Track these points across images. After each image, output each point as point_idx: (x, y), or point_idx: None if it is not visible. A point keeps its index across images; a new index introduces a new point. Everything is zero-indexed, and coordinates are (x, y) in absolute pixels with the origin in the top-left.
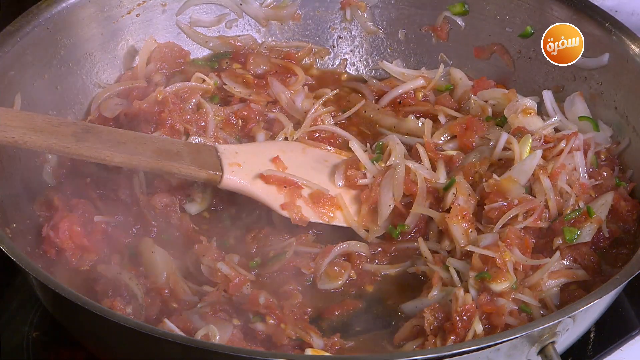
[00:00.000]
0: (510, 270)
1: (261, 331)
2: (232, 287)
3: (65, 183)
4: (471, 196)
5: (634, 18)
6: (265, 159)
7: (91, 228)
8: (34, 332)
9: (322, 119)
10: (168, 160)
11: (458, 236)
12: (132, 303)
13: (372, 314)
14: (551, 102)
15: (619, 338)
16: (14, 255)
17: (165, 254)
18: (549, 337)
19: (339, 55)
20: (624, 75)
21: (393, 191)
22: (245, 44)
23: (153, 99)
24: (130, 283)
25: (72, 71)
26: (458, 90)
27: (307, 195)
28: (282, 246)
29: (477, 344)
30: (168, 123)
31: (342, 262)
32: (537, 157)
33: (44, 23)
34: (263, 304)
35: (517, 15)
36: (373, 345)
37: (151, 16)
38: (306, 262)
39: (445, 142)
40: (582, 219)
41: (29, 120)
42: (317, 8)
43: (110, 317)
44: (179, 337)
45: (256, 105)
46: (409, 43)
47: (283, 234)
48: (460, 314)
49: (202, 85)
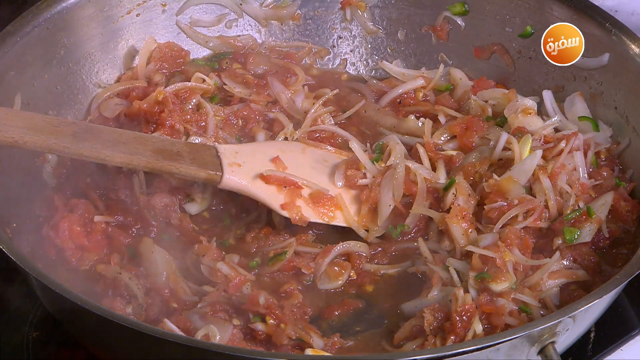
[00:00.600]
0: (510, 271)
1: (261, 331)
2: (232, 287)
3: (65, 183)
4: (471, 196)
5: (634, 18)
6: (265, 159)
7: (91, 228)
8: (34, 332)
9: (322, 119)
10: (168, 160)
11: (458, 236)
12: (132, 303)
13: (372, 314)
14: (551, 102)
15: (619, 338)
16: (14, 255)
17: (165, 254)
18: (549, 337)
19: (339, 55)
20: (624, 75)
21: (393, 191)
22: (245, 44)
23: (153, 99)
24: (130, 283)
25: (72, 71)
26: (458, 90)
27: (307, 195)
28: (282, 246)
29: (477, 344)
30: (168, 123)
31: (342, 262)
32: (537, 157)
33: (44, 23)
34: (263, 304)
35: (517, 15)
36: (373, 345)
37: (151, 16)
38: (306, 262)
39: (445, 142)
40: (582, 219)
41: (28, 120)
42: (317, 8)
43: (110, 317)
44: (179, 337)
45: (256, 105)
46: (409, 43)
47: (283, 234)
48: (460, 314)
49: (202, 86)
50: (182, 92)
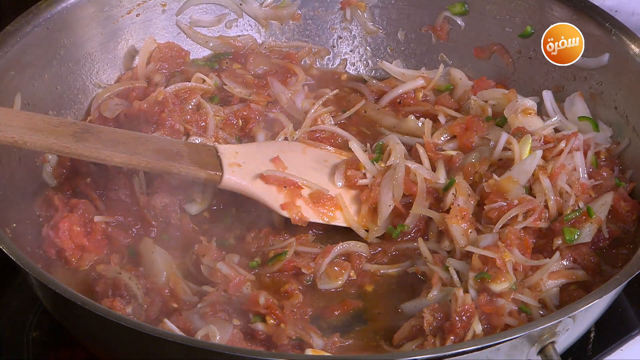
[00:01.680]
0: (510, 271)
1: (261, 331)
2: (232, 287)
3: (65, 183)
4: (471, 196)
5: (634, 18)
6: (265, 159)
7: (91, 228)
8: (34, 332)
9: (322, 119)
10: (168, 160)
11: (458, 237)
12: (132, 303)
13: (372, 313)
14: (551, 102)
15: (619, 338)
16: (14, 255)
17: (165, 254)
18: (549, 337)
19: (339, 55)
20: (624, 75)
21: (393, 191)
22: (245, 44)
23: (153, 99)
24: (130, 283)
25: (72, 71)
26: (458, 91)
27: (307, 196)
28: (282, 246)
29: (477, 344)
30: (168, 123)
31: (342, 262)
32: (537, 158)
33: (44, 23)
34: (263, 304)
35: (517, 15)
36: (373, 345)
37: (151, 16)
38: (306, 262)
39: (445, 142)
40: (582, 220)
41: (28, 120)
42: (317, 8)
43: (110, 317)
44: (179, 337)
45: (256, 105)
46: (409, 43)
47: (283, 234)
48: (459, 314)
49: (202, 86)
50: (182, 92)
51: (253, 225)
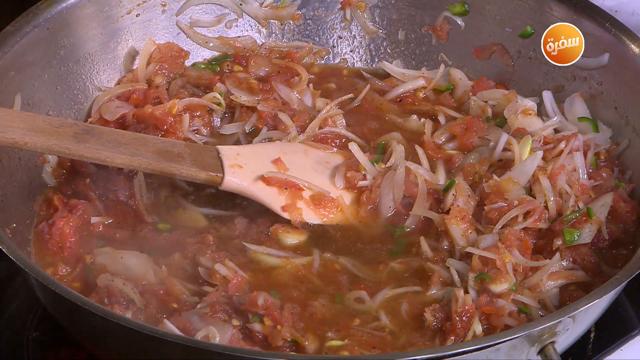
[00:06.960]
0: (510, 272)
1: (258, 332)
2: (231, 288)
3: (65, 183)
4: (471, 197)
5: (634, 18)
6: (266, 161)
7: (90, 229)
8: (34, 332)
9: (334, 119)
10: (169, 162)
11: (457, 237)
12: (131, 308)
13: (371, 313)
14: (551, 102)
15: (619, 338)
16: (14, 255)
17: (137, 255)
18: (548, 337)
19: (339, 55)
20: (624, 75)
21: (393, 192)
22: (245, 44)
23: (167, 109)
24: (125, 288)
25: (72, 71)
26: (458, 91)
27: (309, 197)
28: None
29: (477, 343)
30: (180, 134)
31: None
32: (537, 159)
33: (44, 23)
34: (262, 305)
35: (517, 15)
36: (372, 345)
37: (151, 16)
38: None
39: (445, 142)
40: (582, 220)
41: (29, 121)
42: (317, 8)
43: (110, 317)
44: (179, 338)
45: (266, 108)
46: (409, 43)
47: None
48: (460, 314)
49: (212, 105)
50: (192, 106)
51: (252, 224)
